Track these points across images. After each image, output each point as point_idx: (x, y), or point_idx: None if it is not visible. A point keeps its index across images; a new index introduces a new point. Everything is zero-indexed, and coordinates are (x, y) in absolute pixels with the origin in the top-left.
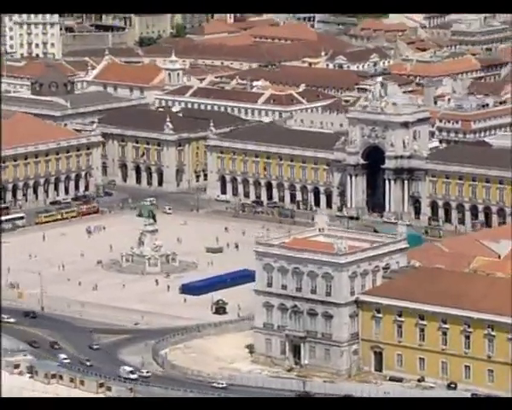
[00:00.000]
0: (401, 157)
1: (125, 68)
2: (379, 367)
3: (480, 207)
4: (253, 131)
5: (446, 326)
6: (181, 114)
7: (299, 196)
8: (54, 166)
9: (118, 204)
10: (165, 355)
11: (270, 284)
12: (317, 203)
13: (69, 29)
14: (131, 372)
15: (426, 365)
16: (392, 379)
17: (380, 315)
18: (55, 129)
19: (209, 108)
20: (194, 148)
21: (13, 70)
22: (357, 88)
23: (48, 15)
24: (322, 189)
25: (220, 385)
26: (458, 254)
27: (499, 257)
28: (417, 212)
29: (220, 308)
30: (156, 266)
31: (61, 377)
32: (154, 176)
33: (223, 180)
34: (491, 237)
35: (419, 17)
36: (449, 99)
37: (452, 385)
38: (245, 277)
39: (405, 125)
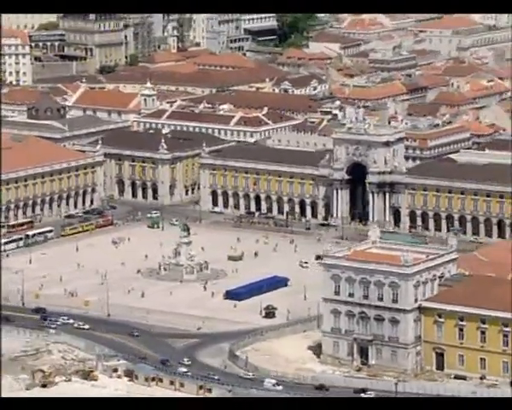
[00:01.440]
0: (383, 173)
1: (102, 94)
2: (440, 367)
3: (456, 217)
4: (242, 150)
5: (507, 329)
6: (170, 136)
7: (286, 208)
8: (66, 184)
9: (131, 216)
10: (246, 358)
11: (337, 293)
12: (303, 214)
13: (37, 59)
14: (277, 384)
15: (487, 364)
16: (456, 377)
17: (441, 320)
18: (63, 150)
19: (185, 128)
20: (185, 165)
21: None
22: (320, 111)
23: (20, 47)
24: (308, 201)
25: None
26: (497, 262)
27: None
28: (397, 221)
29: (270, 313)
30: (192, 273)
31: (160, 380)
32: (149, 191)
33: (214, 194)
34: None
35: (335, 47)
36: (402, 120)
37: None
38: (278, 282)
39: (387, 144)
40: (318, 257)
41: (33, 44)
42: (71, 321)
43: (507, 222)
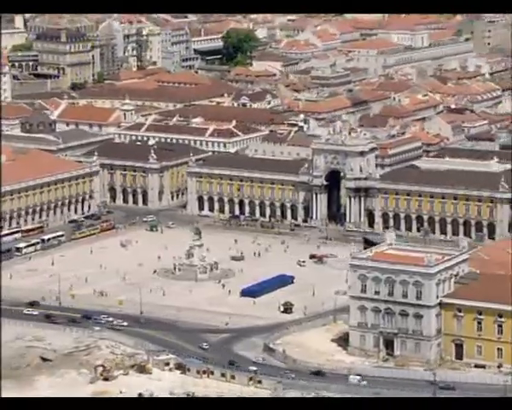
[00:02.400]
0: (359, 179)
1: (83, 109)
2: (459, 356)
3: (425, 218)
4: (225, 160)
5: None
6: (155, 147)
7: (268, 211)
8: (68, 191)
9: (131, 221)
10: (284, 351)
11: (364, 291)
12: (284, 216)
13: (14, 77)
14: (362, 379)
15: (504, 354)
16: (476, 366)
17: (461, 314)
18: (62, 161)
19: (163, 140)
20: (171, 173)
21: None
22: (287, 123)
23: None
24: (288, 205)
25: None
26: (500, 261)
27: None
28: (371, 222)
29: (288, 309)
30: (205, 273)
31: (211, 373)
32: (140, 197)
33: (200, 199)
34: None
35: (277, 65)
36: (361, 131)
37: None
38: (285, 280)
39: (361, 153)
40: (313, 256)
41: (10, 64)
42: (110, 319)
43: (472, 222)
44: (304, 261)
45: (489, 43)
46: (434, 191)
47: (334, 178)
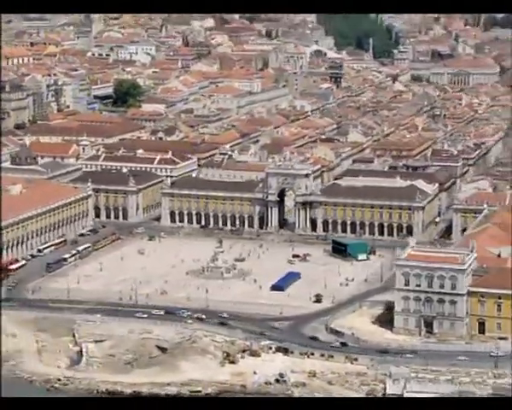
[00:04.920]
0: (305, 194)
1: (45, 145)
2: (481, 332)
3: (358, 223)
4: (191, 182)
5: None
6: (128, 174)
7: (229, 222)
8: (73, 211)
9: (131, 232)
10: (353, 333)
11: (407, 284)
12: (243, 225)
13: None
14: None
15: None
16: (500, 338)
17: (484, 299)
18: (63, 188)
19: (118, 168)
20: (143, 193)
21: None
22: (220, 153)
23: None
24: (246, 216)
25: None
26: (487, 257)
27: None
28: (314, 228)
29: (319, 299)
30: (229, 273)
31: (312, 354)
32: (120, 213)
33: (172, 214)
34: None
35: (162, 107)
36: (280, 158)
37: None
38: (295, 276)
39: (306, 175)
40: (296, 256)
41: None
42: (189, 313)
43: (394, 226)
44: (293, 260)
45: (297, 89)
46: (364, 202)
47: (282, 195)
